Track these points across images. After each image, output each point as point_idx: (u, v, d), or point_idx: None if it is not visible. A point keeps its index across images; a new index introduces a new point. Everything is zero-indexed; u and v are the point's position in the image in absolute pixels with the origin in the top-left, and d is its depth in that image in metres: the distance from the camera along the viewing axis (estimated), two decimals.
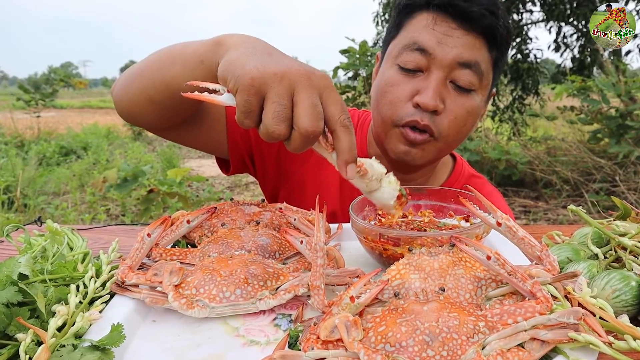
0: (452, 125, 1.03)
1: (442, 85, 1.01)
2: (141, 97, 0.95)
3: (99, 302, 0.66)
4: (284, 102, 0.64)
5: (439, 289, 0.61)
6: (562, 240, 0.88)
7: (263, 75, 0.63)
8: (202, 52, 0.80)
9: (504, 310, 0.56)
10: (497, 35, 1.02)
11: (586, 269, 0.73)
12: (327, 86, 0.67)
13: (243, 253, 0.76)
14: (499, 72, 1.11)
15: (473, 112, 1.05)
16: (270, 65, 0.65)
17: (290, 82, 0.64)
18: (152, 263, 0.76)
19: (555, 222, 4.54)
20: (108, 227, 1.17)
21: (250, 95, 0.64)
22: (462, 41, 1.00)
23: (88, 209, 5.03)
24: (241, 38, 0.75)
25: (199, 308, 0.65)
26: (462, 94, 1.03)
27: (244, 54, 0.69)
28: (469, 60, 1.00)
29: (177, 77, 0.86)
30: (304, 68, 0.67)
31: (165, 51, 0.92)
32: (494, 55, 1.05)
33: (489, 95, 1.12)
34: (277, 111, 0.63)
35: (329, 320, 0.56)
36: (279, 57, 0.69)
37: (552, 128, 7.40)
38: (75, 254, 0.78)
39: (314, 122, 0.64)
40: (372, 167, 0.73)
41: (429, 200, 0.98)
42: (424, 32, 1.01)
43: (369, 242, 0.80)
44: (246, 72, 0.64)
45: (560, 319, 0.52)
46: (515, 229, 0.67)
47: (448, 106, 1.02)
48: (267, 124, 0.64)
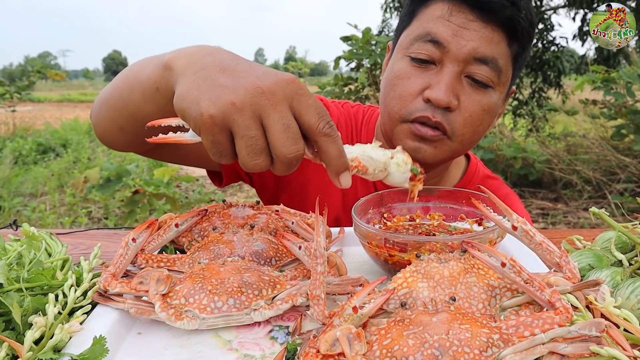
0: (467, 124, 1.03)
1: (456, 80, 1.01)
2: (112, 127, 0.96)
3: (79, 312, 0.66)
4: (252, 133, 0.62)
5: (449, 298, 0.61)
6: (584, 246, 0.88)
7: (221, 110, 0.61)
8: (155, 78, 0.78)
9: (520, 321, 0.56)
10: (518, 29, 1.01)
11: (609, 277, 0.73)
12: (295, 93, 0.64)
13: (236, 259, 0.76)
14: (520, 68, 1.11)
15: (490, 110, 1.05)
16: (226, 93, 0.62)
17: (252, 107, 0.62)
18: (137, 270, 0.76)
19: (576, 226, 4.54)
20: (89, 231, 1.17)
21: (214, 135, 0.63)
22: (479, 34, 0.99)
23: (68, 211, 5.03)
24: (189, 58, 0.72)
25: (188, 319, 0.65)
26: (478, 90, 1.02)
27: (194, 83, 0.66)
28: (486, 55, 1.00)
29: (140, 106, 0.85)
30: (265, 80, 0.63)
31: (124, 75, 0.92)
32: (515, 49, 1.04)
33: (507, 92, 1.11)
34: (249, 145, 0.62)
35: (330, 332, 0.56)
36: (234, 71, 0.65)
37: (572, 123, 7.40)
38: (54, 261, 0.78)
39: (292, 147, 0.62)
40: (372, 159, 0.71)
41: (438, 202, 0.98)
42: (439, 23, 1.01)
43: (373, 248, 0.81)
44: (202, 110, 0.62)
45: (581, 331, 0.52)
46: (532, 234, 0.67)
47: (462, 103, 1.02)
48: (244, 161, 0.63)
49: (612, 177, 5.16)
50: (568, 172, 5.40)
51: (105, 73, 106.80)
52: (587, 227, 4.32)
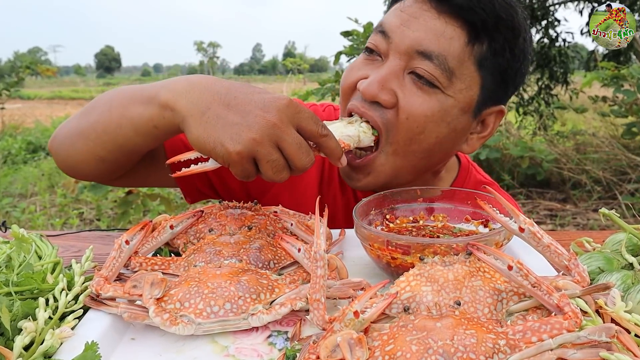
0: (403, 127, 0.93)
1: (395, 75, 0.93)
2: (89, 158, 1.00)
3: (71, 317, 0.66)
4: (274, 157, 0.78)
5: (454, 302, 0.61)
6: (593, 248, 0.88)
7: (245, 147, 0.77)
8: (150, 116, 0.88)
9: (527, 326, 0.56)
10: (477, 24, 0.91)
11: (620, 280, 0.73)
12: (295, 112, 0.80)
13: (233, 262, 0.76)
14: (498, 80, 0.98)
15: (436, 118, 0.93)
16: (244, 131, 0.77)
17: (269, 138, 0.77)
18: (130, 274, 0.76)
19: (585, 228, 4.54)
20: (81, 233, 1.17)
21: (243, 165, 0.79)
22: (427, 25, 0.92)
23: (59, 212, 5.03)
24: (188, 98, 0.83)
25: (183, 324, 0.65)
26: (422, 89, 0.93)
27: (208, 124, 0.80)
28: (430, 50, 0.91)
29: (131, 139, 0.93)
30: (270, 111, 0.78)
31: (104, 109, 0.97)
32: (479, 51, 0.93)
33: (481, 109, 0.99)
34: (274, 167, 0.79)
35: (330, 338, 0.56)
36: (236, 105, 0.80)
37: (581, 121, 7.40)
38: (45, 264, 0.78)
39: (307, 159, 0.80)
40: (350, 137, 0.91)
41: (442, 203, 0.98)
42: (392, 13, 0.97)
43: (375, 250, 0.81)
44: (229, 149, 0.77)
45: (590, 337, 0.52)
46: (540, 235, 0.67)
47: (401, 101, 0.93)
48: (271, 178, 0.80)
49: (623, 177, 5.15)
50: (577, 171, 5.40)
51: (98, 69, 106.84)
52: (597, 228, 4.32)
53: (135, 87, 0.97)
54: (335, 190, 1.17)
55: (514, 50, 0.96)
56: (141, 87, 0.95)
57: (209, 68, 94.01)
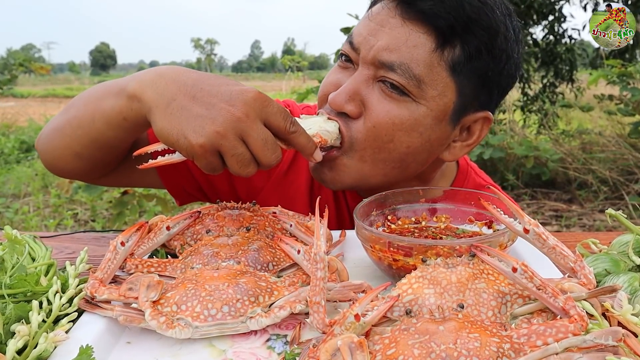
0: (370, 136, 0.93)
1: (365, 84, 0.93)
2: (66, 154, 1.03)
3: (65, 320, 0.66)
4: (239, 150, 0.78)
5: (457, 305, 0.61)
6: (599, 250, 0.88)
7: (208, 139, 0.77)
8: (120, 108, 0.89)
9: (532, 330, 0.56)
10: (444, 28, 0.89)
11: (627, 283, 0.73)
12: (263, 106, 0.79)
13: (231, 264, 0.76)
14: (477, 84, 0.95)
15: (406, 127, 0.92)
16: (207, 123, 0.77)
17: (234, 131, 0.77)
18: (126, 276, 0.76)
19: (592, 229, 4.54)
20: (76, 234, 1.17)
21: (207, 159, 0.79)
22: (391, 34, 0.91)
23: (52, 213, 5.03)
24: (154, 89, 0.83)
25: (180, 328, 0.65)
26: (391, 97, 0.92)
27: (172, 116, 0.80)
28: (391, 60, 0.90)
29: (104, 134, 0.95)
30: (236, 105, 0.78)
31: (81, 104, 1.00)
32: (451, 56, 0.91)
33: (460, 115, 0.97)
34: (239, 161, 0.79)
35: (331, 341, 0.56)
36: (202, 97, 0.80)
37: (587, 120, 7.40)
38: (38, 266, 0.78)
39: (272, 155, 0.80)
40: (328, 132, 0.90)
41: (445, 204, 0.98)
42: (362, 21, 0.98)
43: (376, 252, 0.81)
44: (192, 141, 0.77)
45: (597, 341, 0.52)
46: (545, 237, 0.67)
47: (368, 110, 0.93)
48: (237, 172, 0.80)
49: (630, 177, 5.15)
50: (583, 171, 5.40)
51: (92, 66, 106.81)
52: (603, 230, 4.32)
53: (111, 81, 0.99)
54: (327, 196, 1.17)
55: (492, 51, 0.93)
56: (116, 80, 0.97)
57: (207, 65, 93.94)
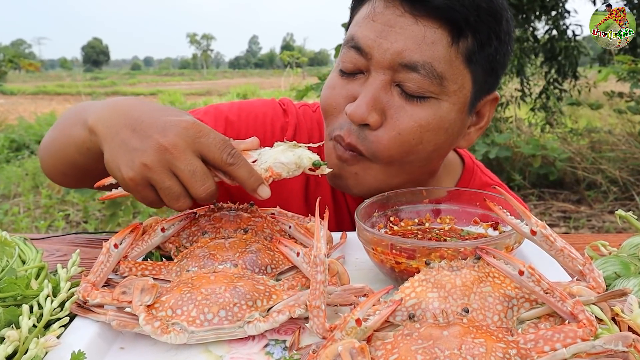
0: (394, 144, 0.93)
1: (383, 90, 0.93)
2: (55, 172, 1.11)
3: (56, 325, 0.66)
4: (167, 184, 0.78)
5: (461, 310, 0.61)
6: (609, 252, 0.88)
7: (137, 172, 0.79)
8: (83, 139, 0.93)
9: (539, 335, 0.56)
10: (460, 21, 0.90)
11: (637, 286, 0.73)
12: (195, 137, 0.79)
13: (228, 267, 0.76)
14: (487, 69, 0.97)
15: (432, 126, 0.94)
16: (138, 156, 0.79)
17: (161, 164, 0.78)
18: (119, 279, 0.76)
19: (601, 231, 4.54)
20: (67, 236, 1.17)
21: (140, 192, 0.81)
22: (405, 34, 0.90)
23: (43, 214, 5.02)
24: (106, 123, 0.87)
25: (175, 333, 0.65)
26: (412, 101, 0.93)
27: (113, 150, 0.83)
28: (414, 61, 0.89)
29: (77, 159, 1.00)
30: (167, 135, 0.78)
31: (60, 126, 1.06)
32: (466, 47, 0.92)
33: (476, 101, 1.00)
34: (168, 194, 0.79)
35: (331, 347, 0.56)
36: (141, 130, 0.81)
37: (596, 118, 7.40)
38: (28, 269, 0.78)
39: (201, 187, 0.79)
40: (283, 164, 0.84)
41: (449, 205, 0.98)
42: (363, 25, 0.94)
43: (378, 254, 0.81)
44: (123, 175, 0.80)
45: (606, 346, 0.52)
46: (553, 239, 0.67)
47: (390, 118, 0.93)
48: (169, 205, 0.81)
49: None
50: (592, 171, 5.40)
51: (85, 63, 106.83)
52: (613, 231, 4.32)
53: (86, 104, 1.03)
54: (325, 196, 1.16)
55: (499, 35, 0.95)
56: (89, 105, 1.00)
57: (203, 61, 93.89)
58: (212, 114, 1.20)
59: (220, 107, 1.23)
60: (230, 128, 1.17)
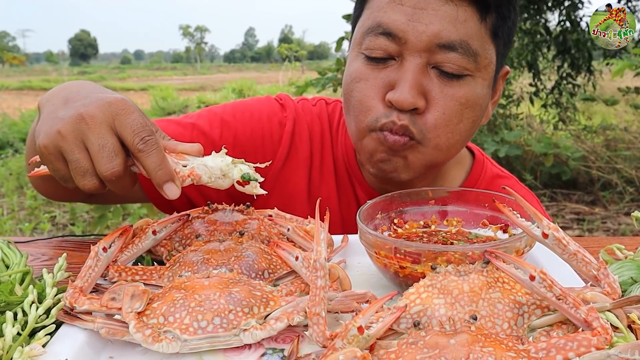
0: (441, 124, 0.99)
1: (422, 74, 0.97)
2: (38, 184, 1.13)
3: (42, 333, 0.66)
4: (75, 156, 0.76)
5: (469, 317, 0.61)
6: (625, 256, 0.88)
7: (51, 140, 0.77)
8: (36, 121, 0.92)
9: (551, 343, 0.56)
10: None
11: None
12: (116, 114, 0.77)
13: (223, 272, 0.76)
14: (506, 42, 1.05)
15: (471, 103, 1.00)
16: (56, 123, 0.77)
17: (74, 133, 0.76)
18: (109, 285, 0.76)
19: (616, 233, 4.54)
20: (53, 239, 1.17)
21: (52, 163, 0.78)
22: (439, 14, 0.94)
23: (28, 216, 5.03)
24: (47, 97, 0.88)
25: (167, 341, 0.65)
26: (451, 81, 0.98)
27: (41, 119, 0.83)
28: (451, 40, 0.95)
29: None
30: (88, 106, 0.77)
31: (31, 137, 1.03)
32: (491, 23, 0.99)
33: (496, 75, 1.07)
34: (74, 168, 0.77)
35: (332, 356, 0.56)
36: (71, 101, 0.81)
37: (611, 115, 7.40)
38: (12, 273, 0.78)
39: (106, 165, 0.76)
40: (206, 167, 0.81)
41: (456, 206, 0.98)
42: (389, 9, 0.96)
43: (381, 259, 0.81)
44: (39, 142, 0.78)
45: (622, 355, 0.52)
46: (566, 242, 0.67)
47: (433, 100, 0.98)
48: (76, 182, 0.78)
49: None
50: (607, 170, 5.40)
51: (72, 56, 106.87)
52: (629, 234, 4.32)
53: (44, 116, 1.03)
54: (329, 196, 1.17)
55: (515, 7, 1.04)
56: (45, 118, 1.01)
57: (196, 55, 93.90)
58: (206, 116, 1.21)
59: (214, 109, 1.25)
60: (226, 128, 1.18)
